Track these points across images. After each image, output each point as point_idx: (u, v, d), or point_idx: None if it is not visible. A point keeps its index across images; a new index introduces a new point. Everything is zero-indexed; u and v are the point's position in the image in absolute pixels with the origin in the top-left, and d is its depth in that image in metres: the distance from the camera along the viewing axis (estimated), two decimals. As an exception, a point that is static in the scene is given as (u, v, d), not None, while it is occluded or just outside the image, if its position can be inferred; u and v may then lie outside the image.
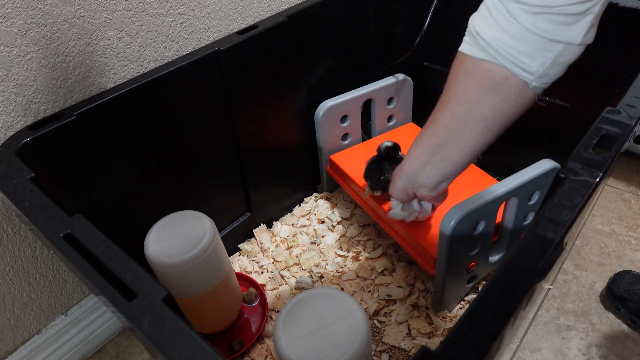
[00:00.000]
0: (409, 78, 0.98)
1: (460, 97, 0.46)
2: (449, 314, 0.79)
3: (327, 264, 0.90)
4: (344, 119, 0.95)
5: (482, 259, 0.75)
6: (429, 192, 0.56)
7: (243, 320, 0.81)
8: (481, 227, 0.68)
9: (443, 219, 0.64)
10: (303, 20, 0.83)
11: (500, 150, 0.98)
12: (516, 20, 0.40)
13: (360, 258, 0.90)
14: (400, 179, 0.58)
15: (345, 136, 0.98)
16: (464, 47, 0.46)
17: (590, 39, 0.41)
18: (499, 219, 0.74)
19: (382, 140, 1.00)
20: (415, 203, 0.67)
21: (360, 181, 0.88)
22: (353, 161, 0.94)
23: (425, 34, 0.91)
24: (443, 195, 0.61)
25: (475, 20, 0.45)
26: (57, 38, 0.63)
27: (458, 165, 0.51)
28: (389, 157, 0.81)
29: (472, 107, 0.46)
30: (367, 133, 1.04)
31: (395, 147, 0.81)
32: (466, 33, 0.47)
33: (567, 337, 0.79)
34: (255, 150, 0.86)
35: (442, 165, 0.51)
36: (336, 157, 0.96)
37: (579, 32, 0.40)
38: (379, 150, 0.82)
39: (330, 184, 1.04)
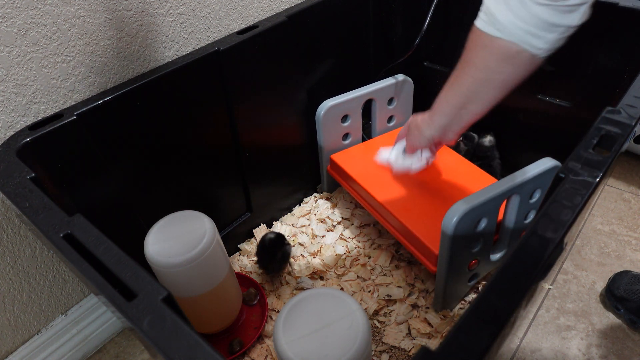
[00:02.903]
0: (409, 79, 0.98)
1: (479, 66, 0.57)
2: (449, 314, 0.79)
3: (327, 264, 0.90)
4: (344, 118, 0.95)
5: (483, 257, 0.75)
6: (452, 138, 0.67)
7: (243, 320, 0.81)
8: (483, 224, 0.68)
9: (446, 216, 0.64)
10: (303, 20, 0.83)
11: (500, 150, 0.99)
12: (526, 8, 0.49)
13: (360, 258, 0.90)
14: (430, 129, 0.67)
15: (346, 136, 0.98)
16: (481, 24, 0.55)
17: (586, 18, 0.50)
18: (500, 217, 0.74)
19: (383, 140, 1.00)
20: (425, 152, 0.75)
21: (362, 180, 0.89)
22: (354, 161, 0.94)
23: (425, 34, 0.91)
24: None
25: (490, 2, 0.53)
26: (57, 38, 0.63)
27: (478, 116, 0.62)
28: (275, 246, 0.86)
29: (490, 74, 0.56)
30: (367, 133, 1.04)
31: (278, 240, 0.86)
32: (481, 9, 0.55)
33: (567, 337, 0.79)
34: (255, 150, 0.86)
35: (467, 118, 0.63)
36: (337, 157, 0.96)
37: (577, 17, 0.49)
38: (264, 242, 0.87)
39: (330, 184, 1.04)
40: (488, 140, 0.96)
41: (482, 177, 0.88)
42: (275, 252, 0.84)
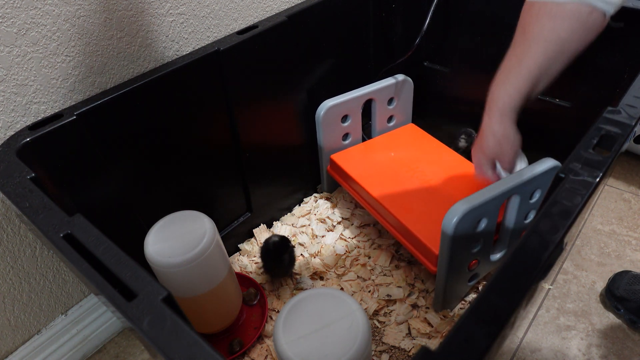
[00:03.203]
0: (409, 79, 0.98)
1: (550, 38, 0.53)
2: (449, 314, 0.79)
3: (327, 264, 0.90)
4: (344, 118, 0.95)
5: (483, 257, 0.75)
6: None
7: (243, 320, 0.81)
8: (483, 224, 0.68)
9: (446, 216, 0.64)
10: (303, 20, 0.83)
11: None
12: None
13: (360, 258, 0.90)
14: (512, 128, 0.63)
15: (345, 136, 0.98)
16: None
17: None
18: (500, 217, 0.74)
19: (382, 140, 1.00)
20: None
21: (362, 180, 0.89)
22: (354, 161, 0.94)
23: (425, 34, 0.91)
24: None
25: None
26: (57, 38, 0.63)
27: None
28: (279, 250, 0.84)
29: (563, 44, 0.54)
30: (367, 133, 1.04)
31: (283, 243, 0.84)
32: None
33: (567, 337, 0.79)
34: (255, 150, 0.86)
35: (534, 97, 0.60)
36: (337, 157, 0.96)
37: None
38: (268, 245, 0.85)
39: (330, 184, 1.04)
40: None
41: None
42: (282, 256, 0.83)
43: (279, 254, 0.83)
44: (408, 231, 0.78)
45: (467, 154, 0.97)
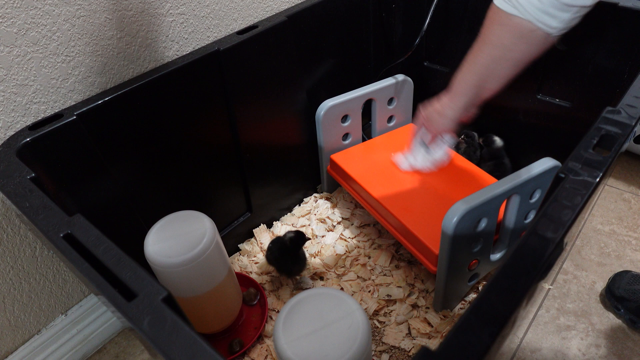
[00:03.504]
0: (409, 79, 0.98)
1: (495, 43, 0.59)
2: (449, 314, 0.79)
3: (327, 264, 0.90)
4: (344, 118, 0.95)
5: (483, 257, 0.75)
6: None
7: (243, 320, 0.81)
8: (483, 224, 0.68)
9: (446, 216, 0.64)
10: (303, 20, 0.83)
11: (500, 150, 0.98)
12: None
13: (360, 258, 0.90)
14: (452, 111, 0.70)
15: (345, 136, 0.98)
16: (498, 2, 0.57)
17: None
18: (500, 217, 0.74)
19: (383, 140, 1.00)
20: (446, 136, 0.80)
21: (362, 180, 0.89)
22: (354, 161, 0.94)
23: (425, 34, 0.91)
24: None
25: None
26: (57, 38, 0.63)
27: (494, 92, 0.65)
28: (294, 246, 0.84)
29: (505, 51, 0.59)
30: (367, 133, 1.04)
31: (300, 237, 0.84)
32: None
33: (567, 337, 0.79)
34: (255, 150, 0.86)
35: (486, 94, 0.66)
36: (337, 157, 0.96)
37: None
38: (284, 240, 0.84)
39: (330, 184, 1.04)
40: (499, 140, 0.96)
41: (482, 177, 0.88)
42: (297, 252, 0.83)
43: (295, 250, 0.83)
44: (408, 231, 0.78)
45: (467, 154, 0.97)
